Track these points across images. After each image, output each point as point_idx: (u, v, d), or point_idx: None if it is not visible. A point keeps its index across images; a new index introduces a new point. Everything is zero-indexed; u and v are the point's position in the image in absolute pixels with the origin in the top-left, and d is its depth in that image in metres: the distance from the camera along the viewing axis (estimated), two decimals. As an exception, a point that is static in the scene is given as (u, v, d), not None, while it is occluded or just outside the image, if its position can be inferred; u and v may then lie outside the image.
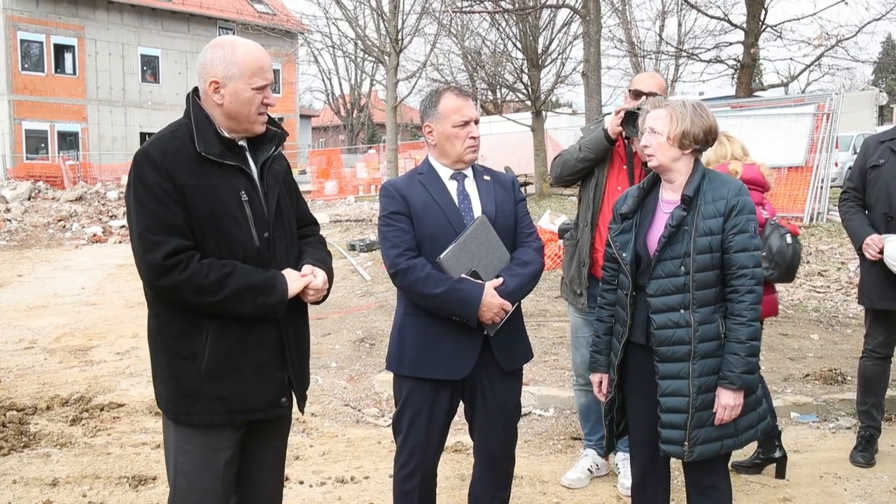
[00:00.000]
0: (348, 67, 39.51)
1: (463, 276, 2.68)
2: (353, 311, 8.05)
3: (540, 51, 19.28)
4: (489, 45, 21.87)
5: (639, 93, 3.55)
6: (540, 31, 19.12)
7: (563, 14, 18.60)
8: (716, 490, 2.72)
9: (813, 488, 3.82)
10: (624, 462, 3.77)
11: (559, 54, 20.21)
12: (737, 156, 3.75)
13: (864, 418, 4.18)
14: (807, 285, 8.30)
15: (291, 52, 31.79)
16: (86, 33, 31.35)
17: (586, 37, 10.83)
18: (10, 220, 17.37)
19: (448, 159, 2.83)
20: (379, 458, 4.27)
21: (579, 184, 3.80)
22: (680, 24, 25.46)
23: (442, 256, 2.67)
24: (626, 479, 3.69)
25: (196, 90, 2.35)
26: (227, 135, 2.31)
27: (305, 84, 42.47)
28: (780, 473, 3.92)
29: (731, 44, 15.90)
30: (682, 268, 2.59)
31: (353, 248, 12.06)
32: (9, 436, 4.55)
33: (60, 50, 30.97)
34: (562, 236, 8.27)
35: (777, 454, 3.90)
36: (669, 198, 2.71)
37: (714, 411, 2.60)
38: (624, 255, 2.72)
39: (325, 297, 2.45)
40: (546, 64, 19.95)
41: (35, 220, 17.81)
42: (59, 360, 6.58)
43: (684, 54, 19.58)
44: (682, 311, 2.59)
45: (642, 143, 2.73)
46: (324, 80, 40.83)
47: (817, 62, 16.14)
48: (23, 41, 29.79)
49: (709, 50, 17.12)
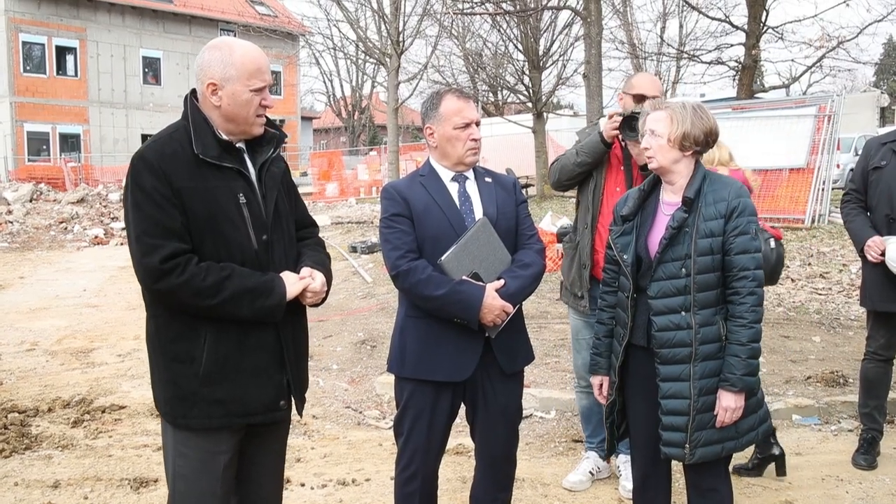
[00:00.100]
0: (349, 69, 39.50)
1: (464, 277, 2.68)
2: (354, 313, 8.05)
3: (541, 52, 19.30)
4: (490, 47, 21.89)
5: (642, 97, 3.54)
6: (541, 33, 19.16)
7: (565, 16, 18.69)
8: (717, 492, 2.71)
9: (815, 491, 3.81)
10: (625, 464, 3.76)
11: (560, 56, 20.30)
12: (723, 161, 3.81)
13: (866, 421, 4.17)
14: (808, 287, 8.28)
15: (293, 54, 31.83)
16: (87, 35, 31.37)
17: (587, 38, 10.83)
18: (11, 222, 17.38)
19: (449, 161, 2.83)
20: (380, 460, 4.26)
21: (577, 187, 3.80)
22: (681, 26, 25.54)
23: (443, 258, 2.67)
24: (627, 481, 3.69)
25: (194, 92, 2.34)
26: (225, 137, 2.30)
27: (307, 86, 42.52)
28: (781, 471, 3.90)
29: (732, 45, 15.97)
30: (683, 270, 2.58)
31: (354, 250, 12.03)
32: (10, 438, 4.55)
33: (62, 52, 30.99)
34: (560, 240, 8.29)
35: (775, 451, 3.89)
36: (670, 200, 2.71)
37: (715, 413, 2.60)
38: (625, 256, 2.72)
39: (323, 300, 2.44)
40: (547, 66, 19.99)
41: (37, 222, 17.81)
42: (61, 362, 6.58)
43: (685, 56, 19.59)
44: (683, 313, 2.59)
45: (643, 145, 2.73)
46: (325, 82, 40.82)
47: (818, 64, 16.17)
48: (25, 43, 29.83)
49: (710, 51, 17.17)
